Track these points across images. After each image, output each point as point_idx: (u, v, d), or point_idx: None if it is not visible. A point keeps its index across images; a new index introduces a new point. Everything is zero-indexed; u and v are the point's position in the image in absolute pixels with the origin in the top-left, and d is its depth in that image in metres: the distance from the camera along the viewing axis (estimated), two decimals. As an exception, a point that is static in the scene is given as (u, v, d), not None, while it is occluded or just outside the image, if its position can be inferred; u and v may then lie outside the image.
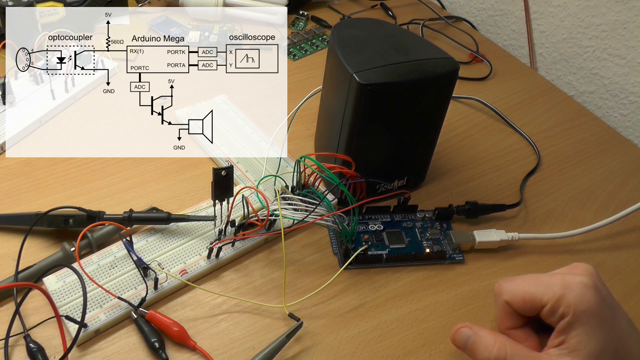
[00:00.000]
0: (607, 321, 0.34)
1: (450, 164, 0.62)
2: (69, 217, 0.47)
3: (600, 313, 0.34)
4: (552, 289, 0.35)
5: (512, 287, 0.38)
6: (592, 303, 0.34)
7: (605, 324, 0.34)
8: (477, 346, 0.37)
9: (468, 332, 0.38)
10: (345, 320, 0.46)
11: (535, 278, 0.37)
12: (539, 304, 0.36)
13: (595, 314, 0.34)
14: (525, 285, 0.37)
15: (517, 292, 0.37)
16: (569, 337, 0.34)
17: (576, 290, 0.35)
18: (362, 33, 0.51)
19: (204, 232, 0.49)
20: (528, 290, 0.37)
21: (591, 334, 0.34)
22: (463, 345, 0.38)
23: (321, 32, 0.80)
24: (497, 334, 0.37)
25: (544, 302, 0.36)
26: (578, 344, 0.34)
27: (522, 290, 0.37)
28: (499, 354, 0.36)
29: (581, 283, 0.35)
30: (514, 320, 0.39)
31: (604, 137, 0.69)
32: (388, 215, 0.53)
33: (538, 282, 0.37)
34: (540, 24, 0.83)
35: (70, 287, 0.44)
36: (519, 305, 0.37)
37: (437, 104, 0.51)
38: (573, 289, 0.35)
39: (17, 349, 0.41)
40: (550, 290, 0.35)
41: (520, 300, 0.37)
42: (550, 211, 0.58)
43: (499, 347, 0.36)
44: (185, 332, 0.43)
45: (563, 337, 0.35)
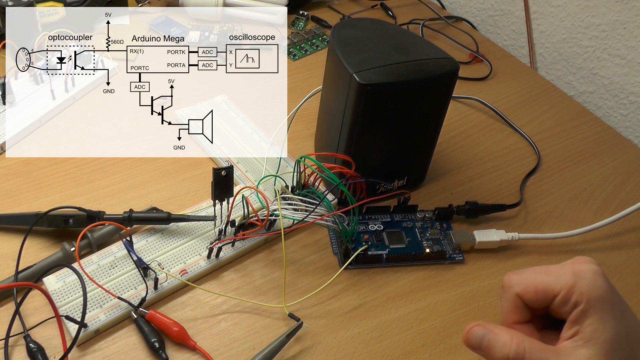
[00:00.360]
0: (618, 308, 0.34)
1: (450, 164, 0.62)
2: (69, 217, 0.47)
3: (612, 299, 0.34)
4: (564, 278, 0.35)
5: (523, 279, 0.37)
6: (604, 290, 0.34)
7: (616, 311, 0.34)
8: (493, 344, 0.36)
9: (482, 330, 0.37)
10: (345, 320, 0.46)
11: (545, 269, 0.37)
12: (551, 293, 0.36)
13: (608, 300, 0.34)
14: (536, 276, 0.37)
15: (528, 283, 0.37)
16: (583, 326, 0.34)
17: (588, 278, 0.34)
18: (362, 33, 0.51)
19: (204, 232, 0.49)
20: (540, 280, 0.36)
21: (605, 321, 0.34)
22: (478, 345, 0.37)
23: (321, 32, 0.80)
24: (512, 331, 0.36)
25: (556, 292, 0.35)
26: (593, 333, 0.34)
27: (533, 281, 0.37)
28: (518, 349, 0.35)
29: (591, 270, 0.35)
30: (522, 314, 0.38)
31: (604, 137, 0.69)
32: (388, 215, 0.53)
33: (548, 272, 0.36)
34: (540, 24, 0.83)
35: (70, 287, 0.44)
36: (531, 297, 0.37)
37: (437, 104, 0.51)
38: (585, 277, 0.34)
39: (17, 349, 0.41)
40: (562, 279, 0.35)
41: (532, 291, 0.37)
42: (550, 211, 0.58)
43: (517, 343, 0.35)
44: (185, 332, 0.43)
45: (577, 327, 0.34)
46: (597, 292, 0.34)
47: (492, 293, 0.49)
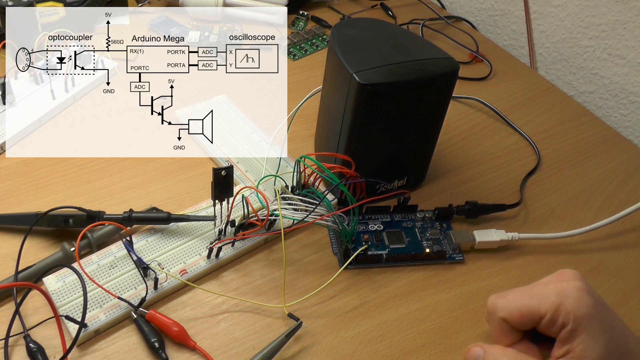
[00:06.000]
0: (606, 321, 0.34)
1: (450, 164, 0.62)
2: (69, 217, 0.47)
3: (599, 315, 0.34)
4: (549, 299, 0.35)
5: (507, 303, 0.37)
6: (590, 306, 0.34)
7: (605, 325, 0.34)
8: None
9: (479, 350, 0.37)
10: (345, 320, 0.46)
11: (529, 290, 0.37)
12: (537, 316, 0.36)
13: (595, 317, 0.34)
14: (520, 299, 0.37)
15: (512, 307, 0.37)
16: (574, 345, 0.34)
17: (573, 296, 0.34)
18: (362, 33, 0.51)
19: (204, 232, 0.49)
20: (524, 304, 0.36)
21: (595, 338, 0.34)
22: None
23: (321, 32, 0.80)
24: (507, 350, 0.37)
25: (542, 314, 0.35)
26: (584, 351, 0.34)
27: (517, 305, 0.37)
28: None
29: (575, 287, 0.35)
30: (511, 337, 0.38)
31: (604, 137, 0.69)
32: (388, 215, 0.53)
33: (532, 294, 0.36)
34: (540, 24, 0.83)
35: (70, 287, 0.44)
36: (516, 321, 0.37)
37: (437, 104, 0.51)
38: (569, 295, 0.34)
39: (17, 349, 0.41)
40: (547, 301, 0.35)
41: (517, 315, 0.37)
42: (550, 211, 0.57)
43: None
44: (185, 332, 0.43)
45: (567, 346, 0.34)
46: (583, 310, 0.34)
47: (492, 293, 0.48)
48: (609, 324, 0.34)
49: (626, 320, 0.48)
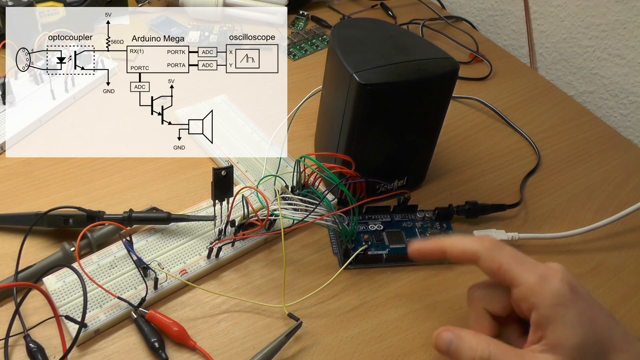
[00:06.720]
0: (587, 314, 0.35)
1: (450, 164, 0.62)
2: (69, 217, 0.47)
3: (577, 307, 0.34)
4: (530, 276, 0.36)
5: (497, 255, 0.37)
6: (569, 298, 0.35)
7: (584, 318, 0.34)
8: (459, 349, 0.37)
9: (450, 335, 0.37)
10: (345, 320, 0.46)
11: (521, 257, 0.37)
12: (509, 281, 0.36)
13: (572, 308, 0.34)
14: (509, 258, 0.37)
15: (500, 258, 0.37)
16: (547, 332, 0.34)
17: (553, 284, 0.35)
18: (362, 33, 0.51)
19: (204, 232, 0.49)
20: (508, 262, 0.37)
21: (570, 328, 0.34)
22: (446, 350, 0.37)
23: (321, 32, 0.80)
24: (479, 335, 0.37)
25: (516, 283, 0.36)
26: (558, 339, 0.34)
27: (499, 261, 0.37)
28: (483, 353, 0.36)
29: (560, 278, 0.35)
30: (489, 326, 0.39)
31: (604, 137, 0.69)
32: (388, 215, 0.53)
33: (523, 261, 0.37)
34: (540, 24, 0.83)
35: (70, 287, 0.44)
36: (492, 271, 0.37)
37: (437, 104, 0.51)
38: (550, 283, 0.35)
39: (17, 349, 0.41)
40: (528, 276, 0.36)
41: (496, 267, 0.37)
42: (550, 211, 0.57)
43: (482, 347, 0.36)
44: (185, 332, 0.43)
45: (540, 332, 0.35)
46: (560, 299, 0.34)
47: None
48: (590, 316, 0.35)
49: (626, 321, 0.48)
